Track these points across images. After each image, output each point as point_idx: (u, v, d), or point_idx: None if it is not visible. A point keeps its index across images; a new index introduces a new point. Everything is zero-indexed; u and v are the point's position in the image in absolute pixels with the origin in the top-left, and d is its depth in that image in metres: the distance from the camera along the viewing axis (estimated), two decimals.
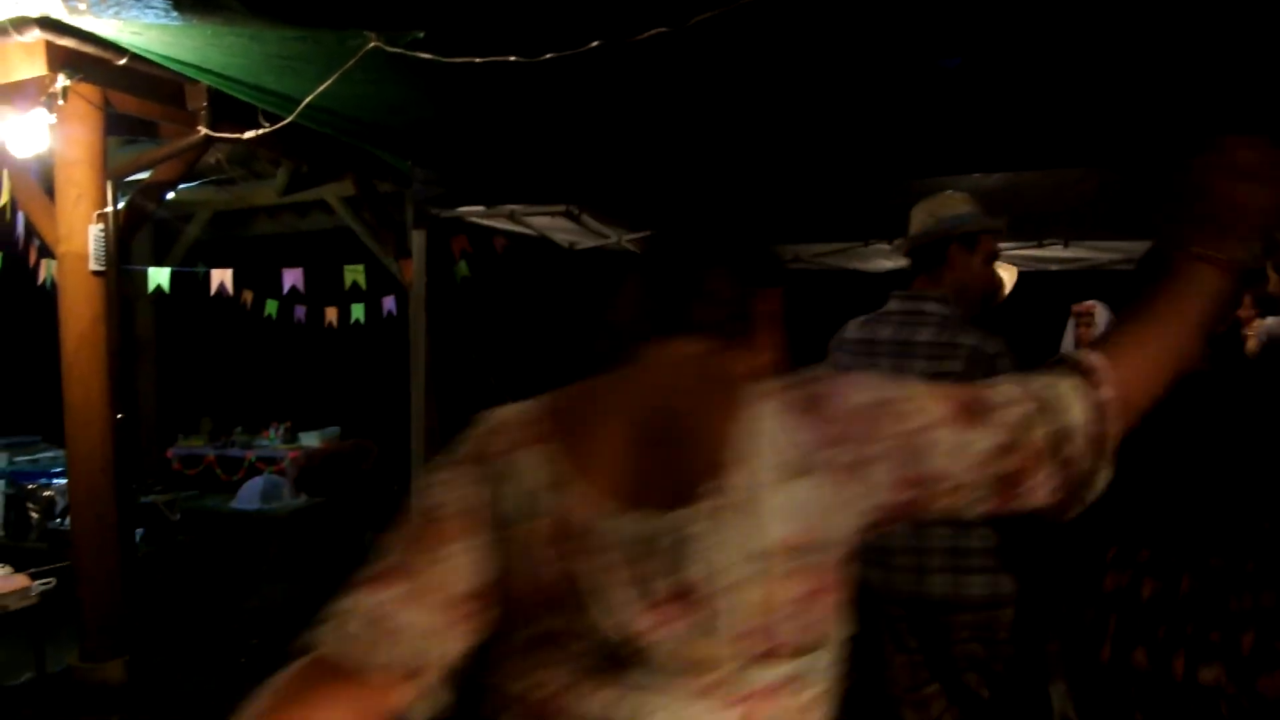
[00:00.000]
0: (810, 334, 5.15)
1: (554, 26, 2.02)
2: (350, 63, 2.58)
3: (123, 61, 3.71)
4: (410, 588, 1.00)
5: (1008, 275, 3.08)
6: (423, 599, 1.00)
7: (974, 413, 1.04)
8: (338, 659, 0.99)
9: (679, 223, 1.26)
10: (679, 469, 1.01)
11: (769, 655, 0.97)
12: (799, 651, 0.99)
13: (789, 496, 0.99)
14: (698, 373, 1.10)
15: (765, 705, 0.98)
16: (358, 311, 7.87)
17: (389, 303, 7.27)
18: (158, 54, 3.36)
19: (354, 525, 7.32)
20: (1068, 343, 5.65)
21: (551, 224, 4.15)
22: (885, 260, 5.58)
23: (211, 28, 2.66)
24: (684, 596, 0.96)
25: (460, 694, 1.01)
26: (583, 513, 1.00)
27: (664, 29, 1.83)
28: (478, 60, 2.19)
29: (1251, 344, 3.34)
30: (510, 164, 3.09)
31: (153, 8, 2.68)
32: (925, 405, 1.05)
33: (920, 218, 2.45)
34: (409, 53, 2.45)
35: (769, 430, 1.02)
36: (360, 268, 7.29)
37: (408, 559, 1.03)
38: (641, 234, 4.89)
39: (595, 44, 1.97)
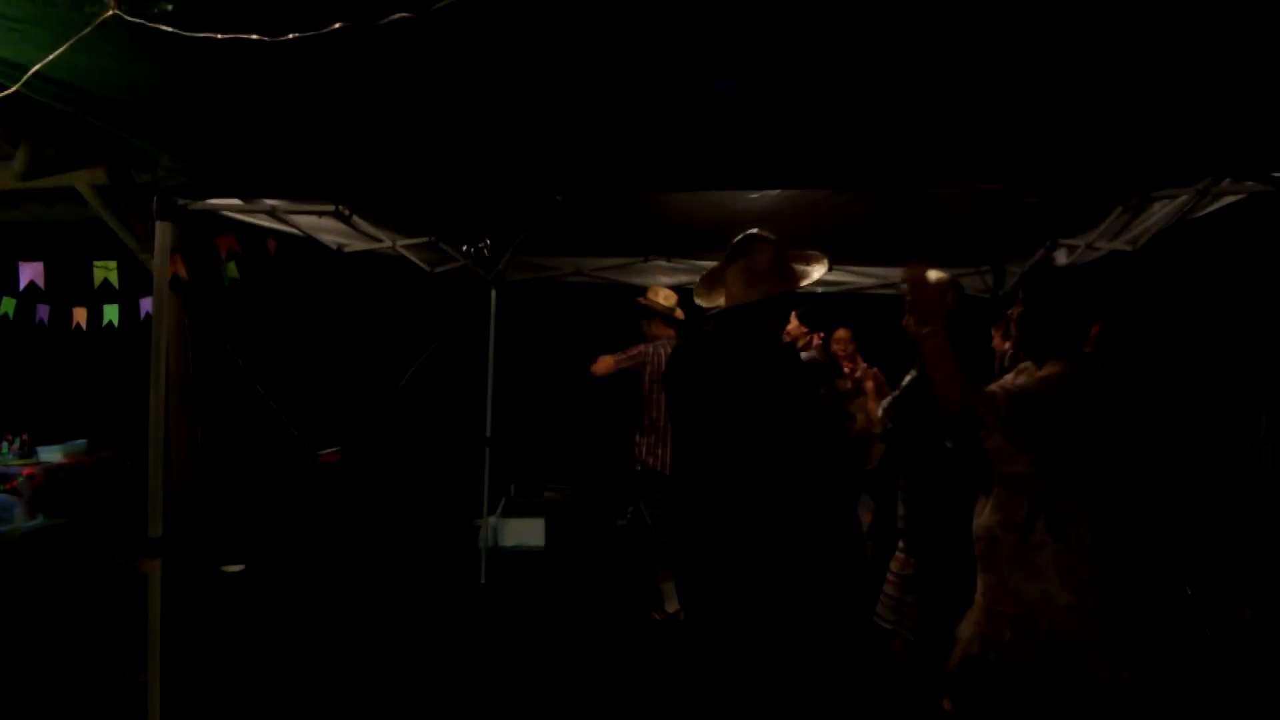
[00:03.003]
0: (588, 344, 5.15)
1: (304, 5, 1.90)
2: (86, 30, 2.33)
3: None
4: None
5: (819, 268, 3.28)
6: None
7: None
8: None
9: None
10: None
11: None
12: None
13: None
14: None
15: None
16: (111, 313, 7.22)
17: (146, 304, 6.72)
18: None
19: (101, 548, 6.68)
20: None
21: (318, 224, 3.95)
22: (664, 276, 5.70)
23: None
24: None
25: None
26: None
27: (407, 14, 1.75)
28: (219, 36, 2.03)
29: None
30: (267, 154, 2.90)
31: None
32: None
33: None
34: (149, 24, 2.24)
35: None
36: (113, 264, 6.71)
37: None
38: (418, 239, 4.76)
39: (338, 25, 1.87)
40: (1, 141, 6.17)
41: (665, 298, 5.11)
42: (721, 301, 3.04)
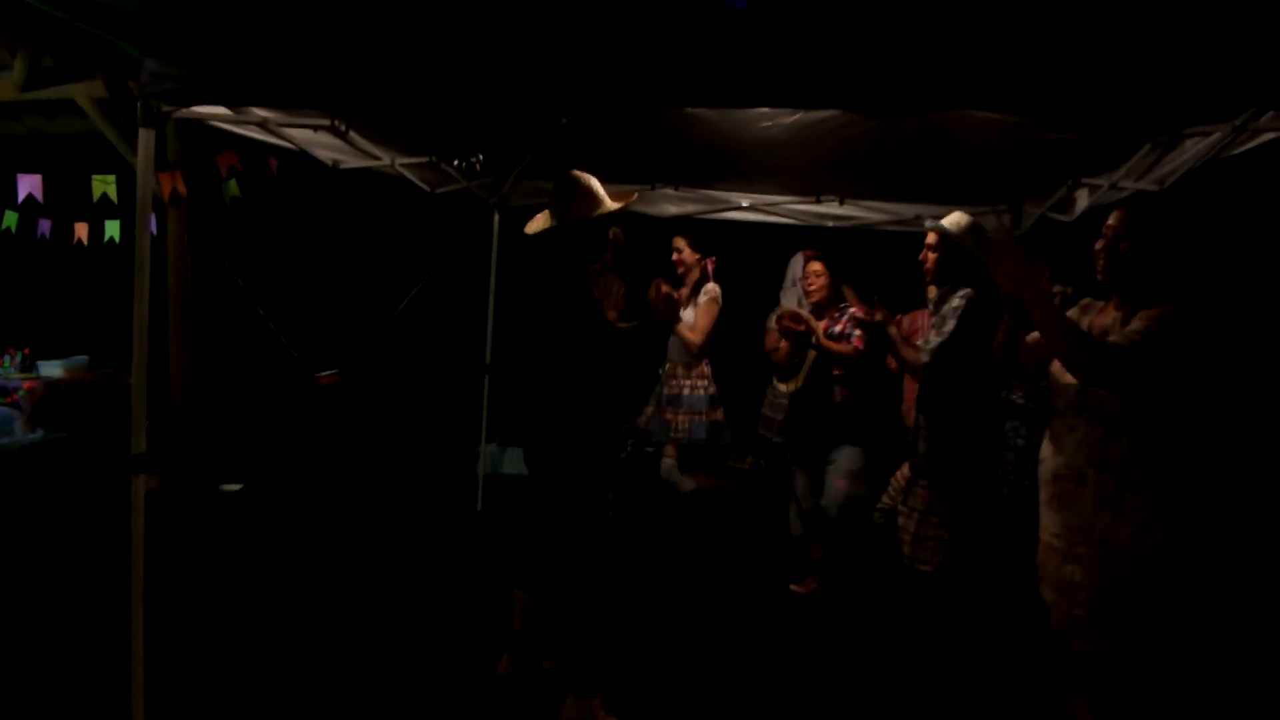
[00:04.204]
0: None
1: None
2: None
3: None
4: None
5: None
6: None
7: None
8: None
9: None
10: None
11: None
12: None
13: None
14: None
15: None
16: (112, 229, 7.13)
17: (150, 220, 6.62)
18: None
19: (99, 463, 6.67)
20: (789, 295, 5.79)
21: (313, 138, 3.82)
22: (671, 205, 5.57)
23: None
24: None
25: None
26: None
27: None
28: None
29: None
30: (257, 60, 2.76)
31: None
32: None
33: None
34: None
35: None
36: (111, 179, 6.59)
37: None
38: (418, 159, 4.63)
39: None
40: (1, 51, 6.02)
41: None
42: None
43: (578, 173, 3.25)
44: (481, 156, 4.17)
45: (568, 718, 3.21)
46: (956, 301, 3.57)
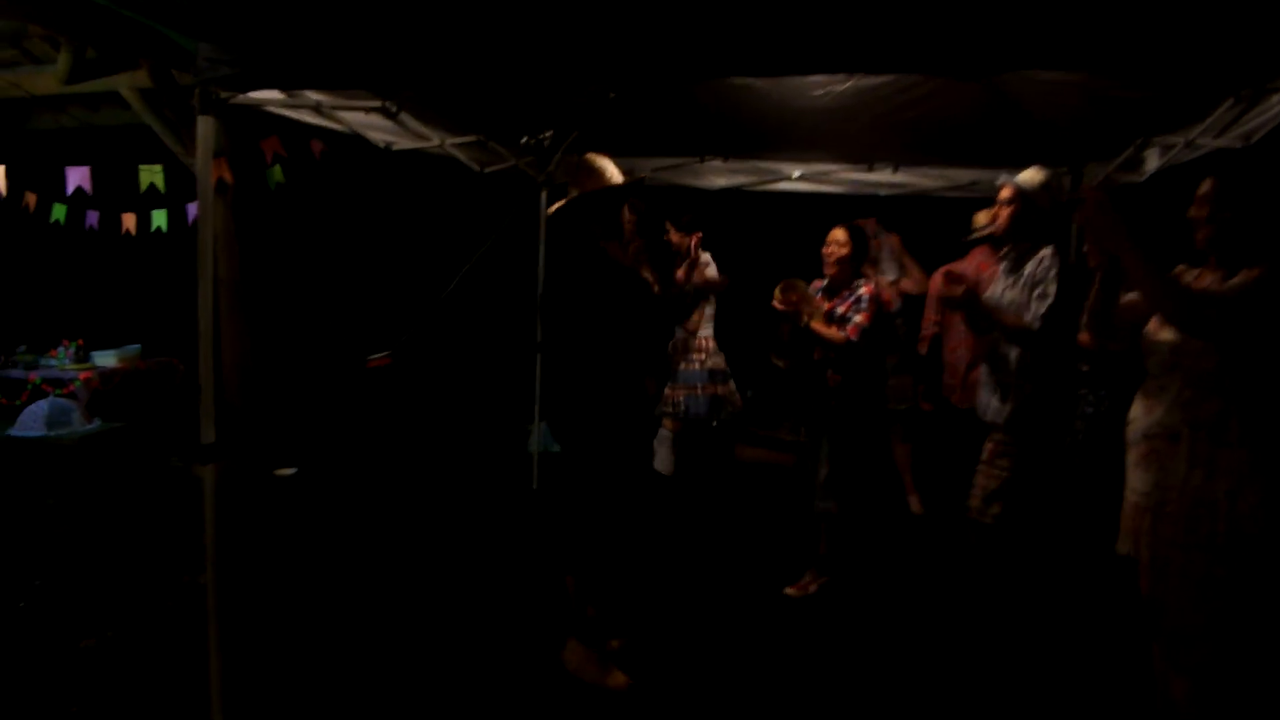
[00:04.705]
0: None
1: None
2: None
3: None
4: None
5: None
6: None
7: None
8: None
9: None
10: None
11: None
12: None
13: None
14: None
15: None
16: (159, 219, 7.20)
17: (194, 209, 6.65)
18: None
19: (157, 452, 6.78)
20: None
21: (366, 121, 3.79)
22: (720, 177, 5.48)
23: None
24: None
25: None
26: None
27: None
28: None
29: None
30: (312, 42, 2.73)
31: None
32: None
33: None
34: None
35: None
36: (158, 168, 6.63)
37: None
38: (466, 138, 4.59)
39: None
40: (43, 44, 6.05)
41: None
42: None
43: (591, 154, 3.45)
44: (551, 133, 4.12)
45: (568, 661, 3.27)
46: (1047, 261, 3.45)
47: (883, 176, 5.31)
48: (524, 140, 4.20)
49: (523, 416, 6.42)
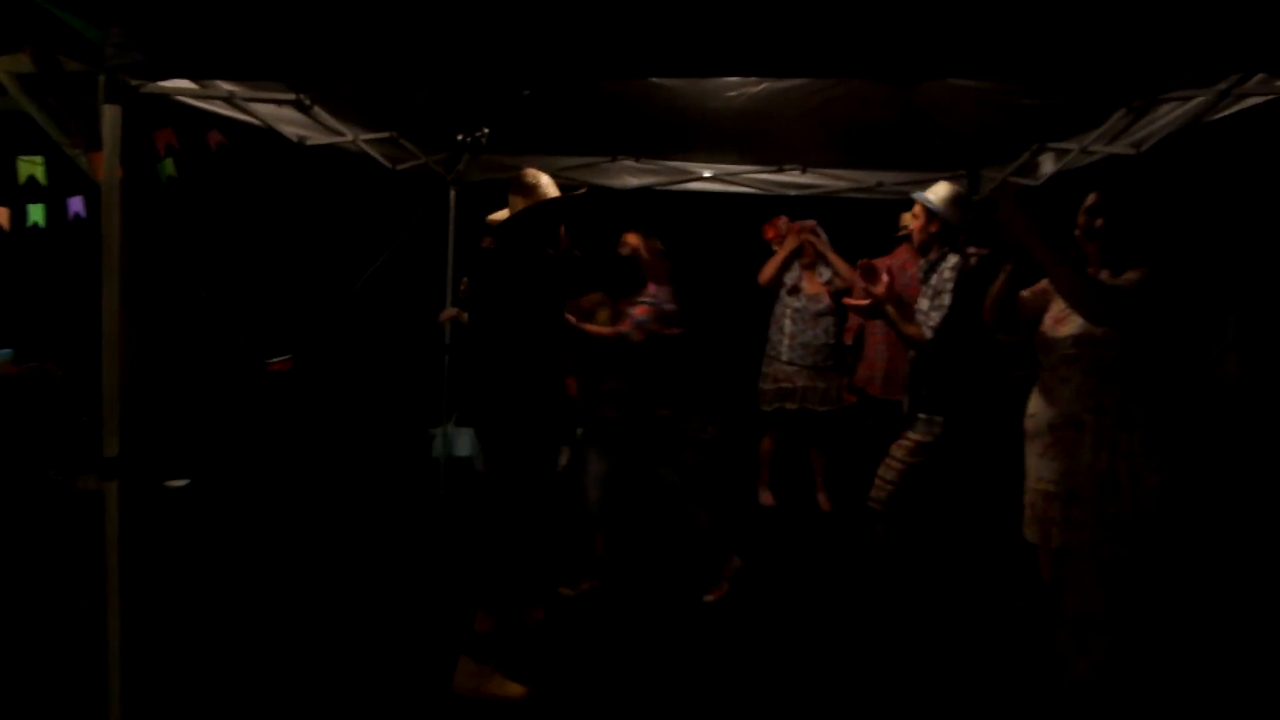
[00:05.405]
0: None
1: None
2: None
3: None
4: None
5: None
6: None
7: None
8: None
9: None
10: None
11: None
12: None
13: None
14: None
15: None
16: (36, 214, 6.77)
17: (76, 204, 6.26)
18: None
19: (34, 464, 6.39)
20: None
21: (279, 114, 3.67)
22: (632, 177, 5.51)
23: None
24: None
25: None
26: None
27: None
28: None
29: None
30: (226, 32, 2.62)
31: None
32: None
33: None
34: None
35: None
36: (39, 160, 6.25)
37: None
38: (380, 134, 4.49)
39: None
40: None
41: None
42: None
43: (528, 169, 3.44)
44: (487, 130, 4.06)
45: (459, 684, 3.21)
46: (948, 272, 3.60)
47: (791, 178, 5.43)
48: (460, 138, 4.14)
49: (429, 421, 6.30)
